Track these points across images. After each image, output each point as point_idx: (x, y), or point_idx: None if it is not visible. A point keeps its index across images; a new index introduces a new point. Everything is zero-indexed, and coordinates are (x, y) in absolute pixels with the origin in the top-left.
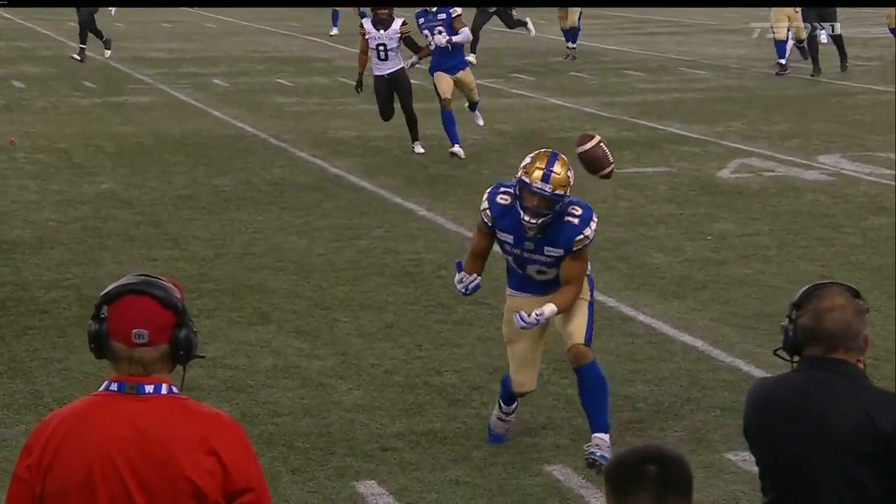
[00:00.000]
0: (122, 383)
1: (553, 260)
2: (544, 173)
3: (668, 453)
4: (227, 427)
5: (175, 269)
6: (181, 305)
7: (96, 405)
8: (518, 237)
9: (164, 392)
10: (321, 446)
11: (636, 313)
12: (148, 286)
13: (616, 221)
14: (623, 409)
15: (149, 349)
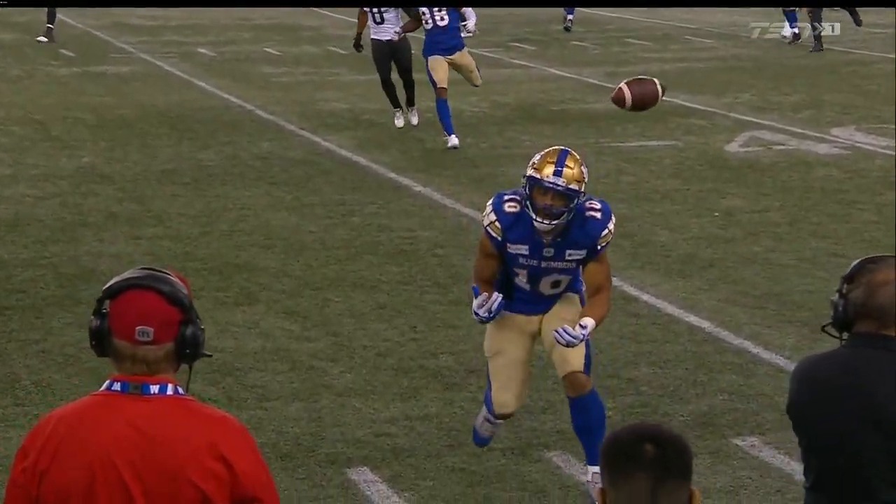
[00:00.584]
0: (126, 383)
1: (573, 265)
2: (555, 168)
3: (667, 433)
4: (236, 433)
5: (159, 247)
6: (188, 301)
7: (97, 405)
8: (535, 245)
9: (169, 393)
10: (311, 432)
11: (640, 293)
12: (153, 280)
13: (619, 197)
14: (626, 392)
15: (153, 347)
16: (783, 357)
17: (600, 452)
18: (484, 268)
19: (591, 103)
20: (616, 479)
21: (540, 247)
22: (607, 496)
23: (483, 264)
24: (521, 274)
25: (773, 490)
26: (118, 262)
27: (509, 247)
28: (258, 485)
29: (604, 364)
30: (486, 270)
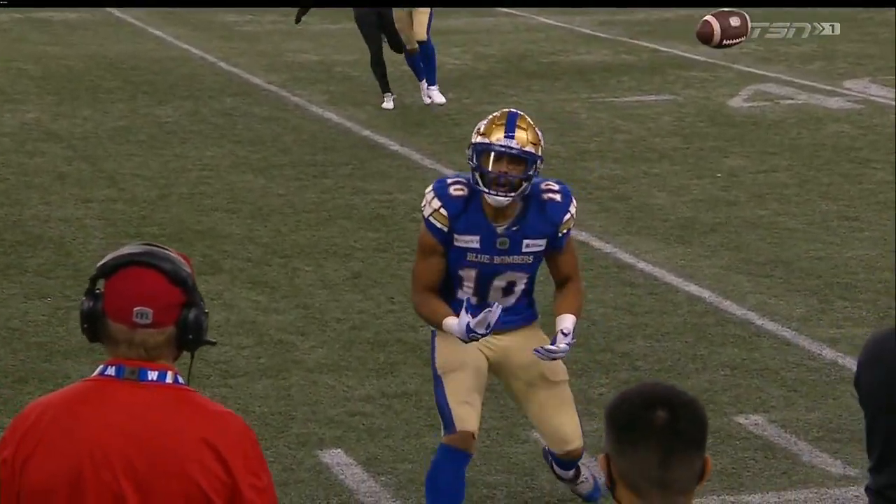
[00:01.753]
0: (122, 367)
1: (532, 260)
2: (506, 132)
3: (681, 397)
4: (239, 432)
5: (112, 211)
6: (191, 281)
7: (88, 391)
8: (487, 236)
9: (168, 381)
10: (280, 411)
11: (636, 260)
12: (153, 257)
13: (614, 157)
14: (621, 367)
15: (153, 331)
16: (790, 329)
17: (606, 415)
18: (428, 271)
19: (582, 54)
20: (623, 446)
21: (493, 237)
22: (612, 464)
23: (426, 267)
24: (468, 278)
25: (778, 472)
26: (67, 228)
27: (457, 239)
28: (256, 492)
29: (596, 337)
30: (432, 274)
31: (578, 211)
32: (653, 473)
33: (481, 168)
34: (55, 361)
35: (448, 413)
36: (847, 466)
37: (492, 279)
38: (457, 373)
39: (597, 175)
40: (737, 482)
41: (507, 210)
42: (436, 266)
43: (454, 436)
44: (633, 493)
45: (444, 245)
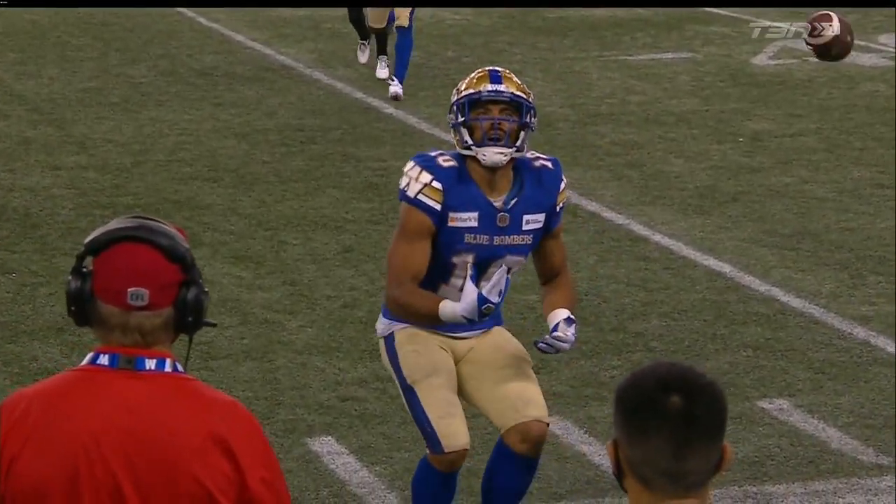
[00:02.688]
0: (115, 355)
1: (530, 241)
2: (491, 80)
3: (699, 381)
4: (246, 423)
5: (82, 179)
6: (190, 258)
7: (80, 382)
8: (486, 212)
9: (167, 370)
10: (266, 396)
11: (650, 232)
12: (147, 232)
13: (627, 120)
14: (634, 348)
15: (149, 314)
16: (818, 306)
17: (615, 398)
18: (414, 258)
19: (593, 9)
20: (632, 433)
21: (492, 213)
22: (620, 452)
23: (411, 253)
24: (462, 266)
25: (804, 460)
26: (33, 197)
27: (452, 218)
28: (265, 486)
29: (608, 316)
30: (419, 261)
31: (589, 179)
32: (665, 464)
33: (471, 126)
34: (21, 342)
35: (431, 430)
36: (880, 455)
37: (489, 265)
38: (430, 379)
39: (608, 140)
40: (760, 472)
41: (501, 181)
42: (424, 252)
43: (443, 457)
44: (642, 485)
45: (437, 226)
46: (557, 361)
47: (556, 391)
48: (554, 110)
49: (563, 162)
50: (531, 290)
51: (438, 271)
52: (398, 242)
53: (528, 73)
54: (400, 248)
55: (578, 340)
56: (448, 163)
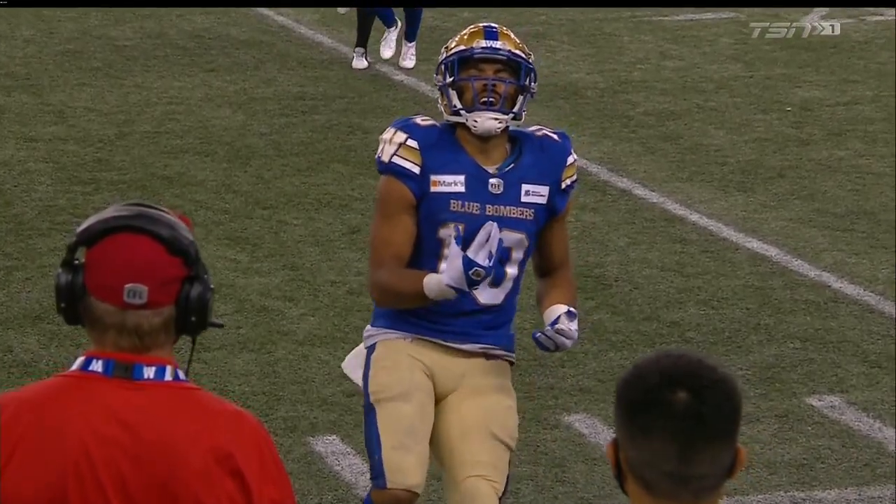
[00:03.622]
0: (111, 362)
1: (531, 215)
2: (485, 36)
3: (709, 374)
4: (255, 437)
5: (61, 152)
6: (194, 250)
7: (70, 390)
8: (475, 175)
9: (168, 378)
10: (265, 391)
11: (688, 211)
12: (147, 221)
13: (661, 88)
14: (669, 339)
15: (148, 313)
16: (874, 293)
17: (616, 394)
18: (396, 236)
19: None
20: (634, 433)
21: (483, 176)
22: (621, 453)
23: (392, 231)
24: (449, 241)
25: (859, 463)
26: (7, 172)
27: (434, 182)
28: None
29: (640, 304)
30: (401, 239)
31: (620, 153)
32: (669, 467)
33: (461, 86)
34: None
35: (378, 460)
36: None
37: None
38: (397, 403)
39: (641, 110)
40: (809, 475)
41: (495, 150)
42: (405, 228)
43: (385, 493)
44: (644, 489)
45: (418, 195)
46: (584, 354)
47: (583, 386)
48: (581, 77)
49: (591, 134)
50: None
51: (426, 251)
52: (376, 220)
53: (553, 36)
54: (378, 226)
55: (608, 331)
56: (427, 122)
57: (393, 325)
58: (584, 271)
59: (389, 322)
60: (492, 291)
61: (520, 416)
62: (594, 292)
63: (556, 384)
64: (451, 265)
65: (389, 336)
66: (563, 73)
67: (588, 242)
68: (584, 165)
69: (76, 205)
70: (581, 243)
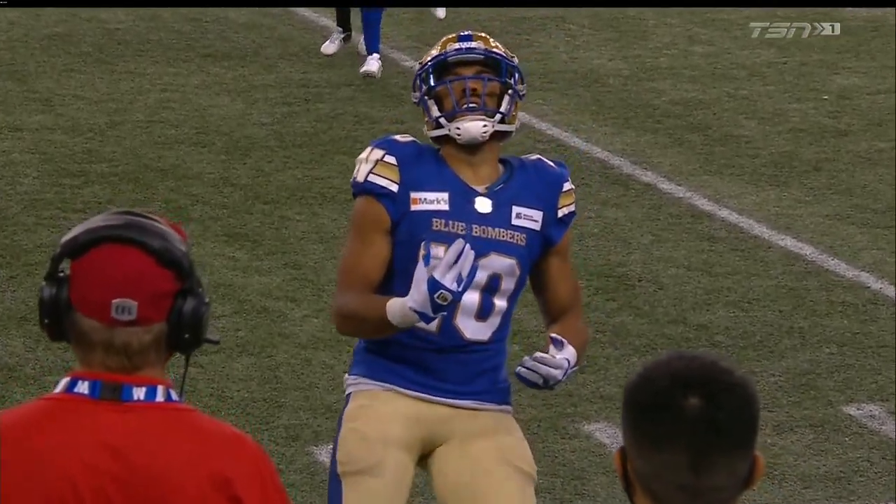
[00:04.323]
0: (98, 383)
1: (524, 241)
2: (459, 40)
3: (725, 377)
4: (255, 461)
5: (48, 143)
6: (187, 262)
7: (55, 415)
8: (460, 191)
9: (160, 399)
10: (265, 397)
11: (716, 207)
12: (137, 231)
13: (689, 75)
14: (696, 343)
15: (138, 330)
16: None
17: (624, 399)
18: (363, 256)
19: None
20: (642, 441)
21: (469, 194)
22: (629, 463)
23: (362, 253)
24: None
25: None
26: None
27: (414, 199)
28: None
29: (665, 305)
30: (372, 264)
31: (644, 145)
32: (681, 478)
33: (438, 94)
34: None
35: None
36: None
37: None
38: (366, 479)
39: (667, 99)
40: (846, 489)
41: (484, 167)
42: (377, 250)
43: None
44: (654, 502)
45: (395, 216)
46: (605, 359)
47: (605, 393)
48: (602, 63)
49: (613, 124)
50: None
51: (407, 276)
52: (346, 243)
53: (572, 20)
54: (348, 249)
55: (631, 334)
56: (407, 138)
57: (370, 373)
58: (605, 271)
59: (366, 369)
60: (477, 325)
61: (536, 424)
62: (616, 293)
63: (576, 391)
64: (415, 287)
65: (366, 388)
66: (583, 60)
67: (610, 240)
68: (605, 158)
69: (64, 199)
70: (603, 241)
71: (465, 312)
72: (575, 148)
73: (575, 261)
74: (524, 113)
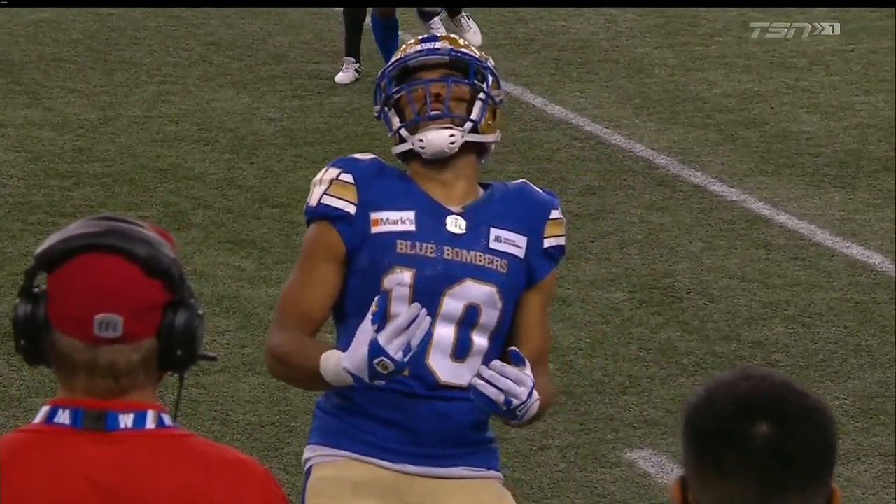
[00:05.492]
0: (79, 411)
1: (504, 268)
2: (422, 41)
3: (798, 402)
4: (262, 483)
5: (35, 140)
6: (177, 271)
7: (34, 448)
8: (429, 209)
9: (150, 426)
10: (274, 421)
11: (774, 211)
12: (120, 238)
13: (742, 65)
14: (750, 362)
15: (124, 348)
16: None
17: (683, 423)
18: (307, 288)
19: None
20: (704, 472)
21: (439, 212)
22: (690, 495)
23: (304, 282)
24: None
25: None
26: None
27: (375, 220)
28: None
29: (716, 320)
30: (315, 296)
31: (693, 142)
32: None
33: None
34: None
35: None
36: None
37: (436, 292)
38: None
39: (719, 91)
40: None
41: (458, 185)
42: (324, 284)
43: None
44: None
45: (352, 242)
46: (650, 379)
47: (649, 417)
48: (647, 52)
49: (658, 119)
50: (615, 284)
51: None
52: (295, 271)
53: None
54: (291, 278)
55: (678, 352)
56: (368, 156)
57: (332, 441)
58: (650, 282)
59: (326, 437)
60: (454, 366)
61: (573, 451)
62: (662, 306)
63: (617, 414)
64: (355, 346)
65: (326, 459)
66: (625, 48)
67: (655, 248)
68: (650, 157)
69: (53, 202)
70: (647, 249)
71: (438, 350)
72: (616, 145)
73: (616, 270)
74: (560, 107)
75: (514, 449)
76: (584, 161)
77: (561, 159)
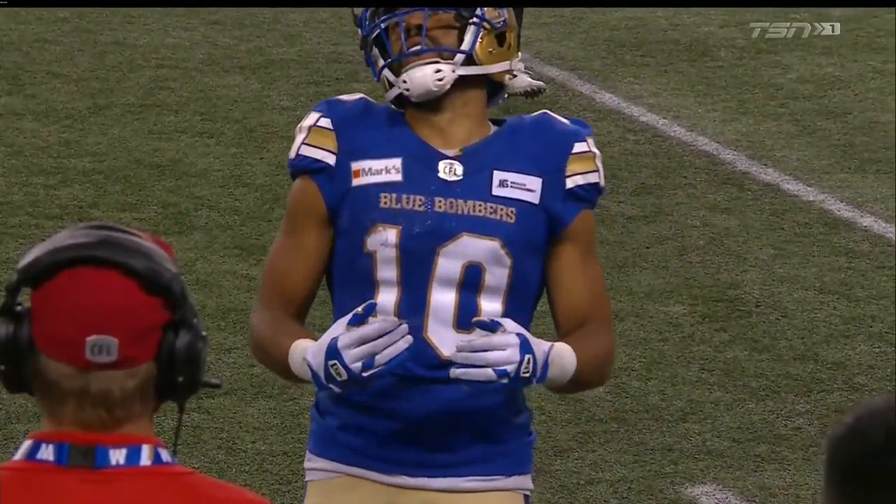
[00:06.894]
0: (64, 447)
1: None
2: None
3: None
4: None
5: (17, 131)
6: (178, 287)
7: (14, 490)
8: (418, 155)
9: (145, 462)
10: (285, 450)
11: (857, 213)
12: (114, 250)
13: (821, 47)
14: (830, 386)
15: (119, 374)
16: None
17: (826, 456)
18: (288, 257)
19: None
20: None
21: (430, 157)
22: None
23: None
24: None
25: None
26: None
27: (356, 171)
28: None
29: (790, 337)
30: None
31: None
32: None
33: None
34: None
35: None
36: None
37: (431, 256)
38: None
39: (794, 77)
40: None
41: (459, 126)
42: (308, 253)
43: None
44: None
45: (332, 198)
46: (714, 404)
47: (713, 448)
48: (712, 32)
49: (725, 109)
50: (674, 297)
51: (355, 275)
52: (276, 244)
53: None
54: (274, 247)
55: (747, 374)
56: (355, 96)
57: (326, 450)
58: (714, 293)
59: (314, 443)
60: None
61: (626, 486)
62: (728, 321)
63: (676, 444)
64: (324, 337)
65: (318, 476)
66: (687, 27)
67: (719, 254)
68: (714, 151)
69: (36, 202)
70: (711, 256)
71: (438, 319)
72: (676, 138)
73: (675, 280)
74: (612, 95)
75: (558, 483)
76: (638, 156)
77: (612, 154)
